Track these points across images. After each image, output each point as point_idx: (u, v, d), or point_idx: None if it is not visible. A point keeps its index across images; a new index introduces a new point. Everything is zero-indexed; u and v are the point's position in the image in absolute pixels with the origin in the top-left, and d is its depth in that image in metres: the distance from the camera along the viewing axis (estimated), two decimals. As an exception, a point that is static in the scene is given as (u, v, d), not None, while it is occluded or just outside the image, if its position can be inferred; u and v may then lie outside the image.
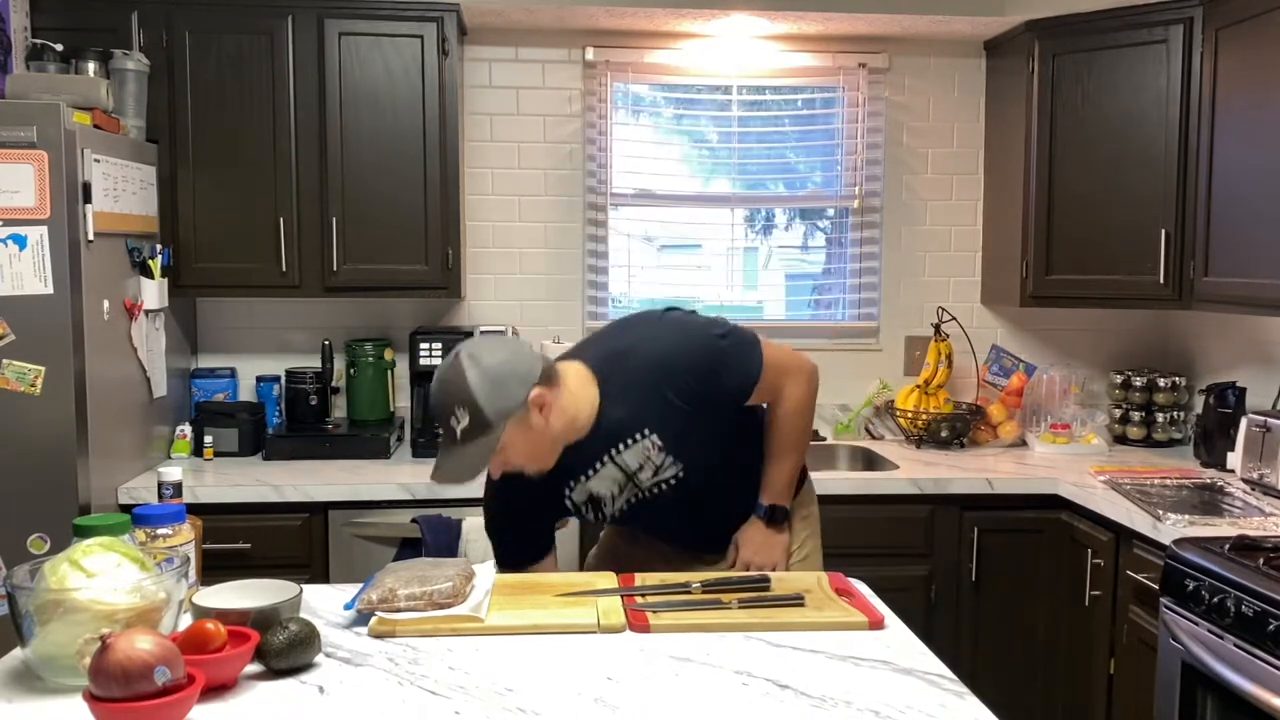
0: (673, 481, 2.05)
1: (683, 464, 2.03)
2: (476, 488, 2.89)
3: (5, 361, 2.56)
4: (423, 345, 3.26)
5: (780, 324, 3.80)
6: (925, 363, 3.60)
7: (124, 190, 2.87)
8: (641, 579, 1.92)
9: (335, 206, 3.19)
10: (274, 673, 1.50)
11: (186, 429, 3.25)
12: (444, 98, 3.20)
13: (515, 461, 1.92)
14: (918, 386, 3.57)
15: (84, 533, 1.56)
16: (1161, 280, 3.14)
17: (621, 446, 2.01)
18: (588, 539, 2.79)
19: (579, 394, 1.98)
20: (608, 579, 1.92)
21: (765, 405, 2.15)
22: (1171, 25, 3.08)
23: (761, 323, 3.81)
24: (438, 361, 3.24)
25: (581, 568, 2.34)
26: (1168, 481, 2.98)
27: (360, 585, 1.81)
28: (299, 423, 3.34)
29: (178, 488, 1.92)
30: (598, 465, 2.03)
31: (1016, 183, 3.43)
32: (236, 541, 2.82)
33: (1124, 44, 3.17)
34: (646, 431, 2.00)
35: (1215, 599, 2.20)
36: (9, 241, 2.54)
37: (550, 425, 1.90)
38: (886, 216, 3.74)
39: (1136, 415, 3.55)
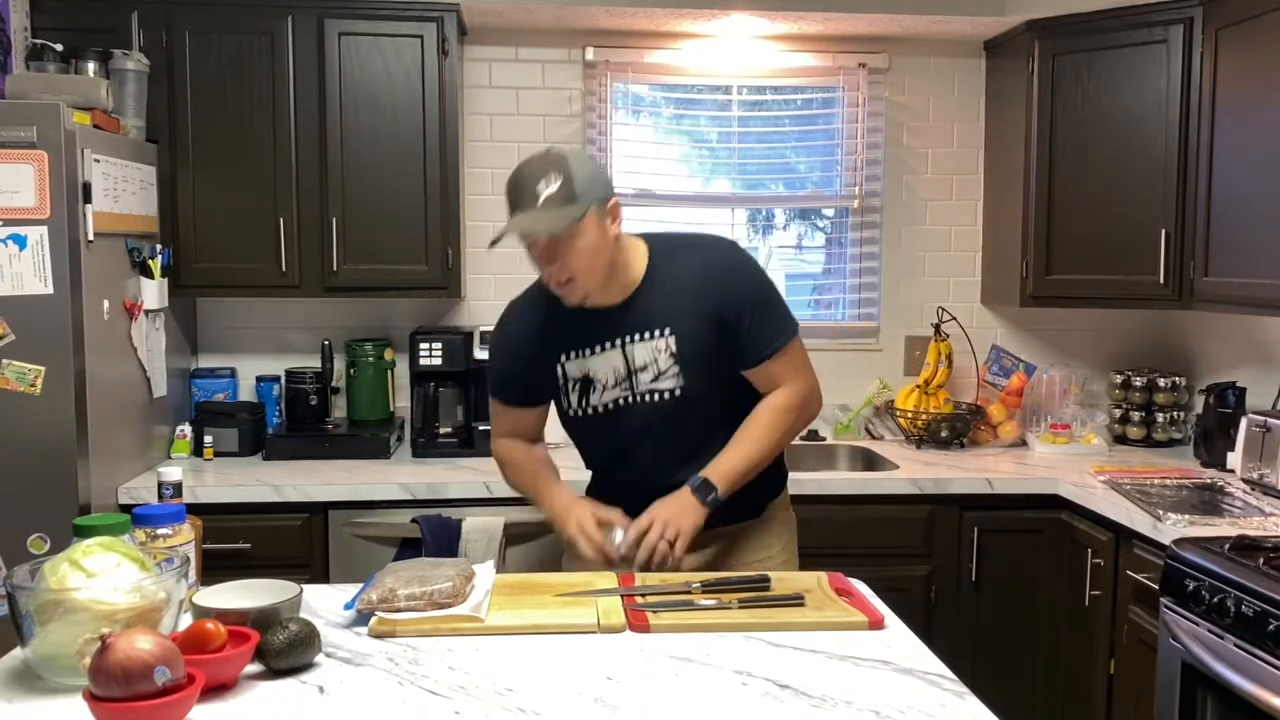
0: (667, 395, 2.05)
1: (685, 381, 2.02)
2: (476, 488, 2.91)
3: (5, 361, 2.56)
4: (423, 345, 3.26)
5: (780, 324, 3.80)
6: (925, 363, 3.60)
7: (124, 190, 2.87)
8: (641, 579, 1.92)
9: (335, 206, 3.19)
10: (274, 673, 1.50)
11: (186, 429, 3.25)
12: (444, 98, 3.20)
13: (571, 264, 1.94)
14: (918, 386, 3.57)
15: (84, 533, 1.56)
16: (1161, 280, 3.14)
17: (636, 337, 2.03)
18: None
19: (631, 254, 2.05)
20: (608, 579, 1.92)
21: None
22: (1171, 25, 3.08)
23: (761, 323, 3.81)
24: (438, 361, 3.26)
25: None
26: (1168, 481, 2.98)
27: (360, 585, 1.81)
28: (299, 423, 3.34)
29: (178, 488, 1.92)
30: (606, 345, 2.05)
31: (1016, 183, 3.43)
32: (236, 541, 2.82)
33: (1124, 44, 3.17)
34: (667, 331, 2.02)
35: (1215, 599, 2.20)
36: (9, 241, 2.54)
37: (616, 242, 1.98)
38: (886, 216, 3.74)
39: (1136, 415, 3.55)
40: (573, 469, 2.28)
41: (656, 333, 2.04)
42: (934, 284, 3.76)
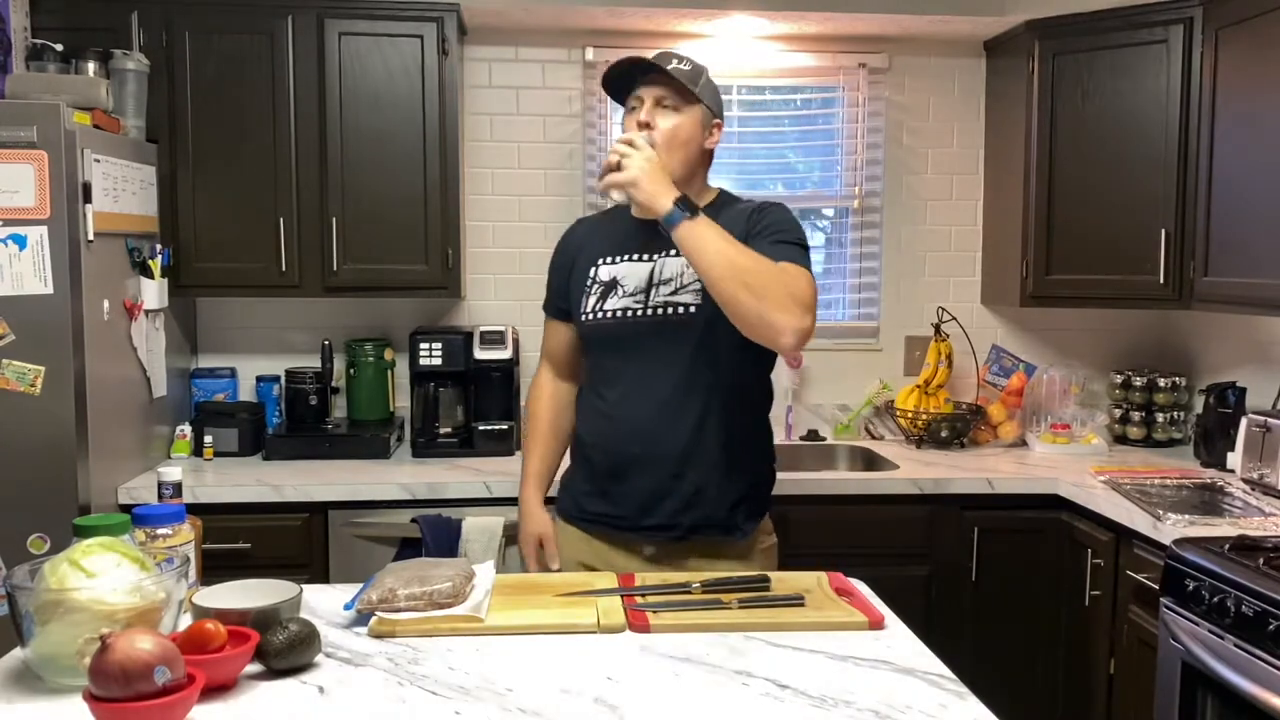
0: (680, 310, 2.05)
1: (703, 300, 2.01)
2: (476, 488, 2.91)
3: (5, 361, 2.56)
4: (423, 345, 3.26)
5: (780, 324, 3.80)
6: (925, 363, 3.61)
7: (124, 190, 2.87)
8: (641, 579, 1.92)
9: (335, 206, 3.19)
10: (274, 673, 1.50)
11: (186, 429, 3.25)
12: (444, 98, 3.20)
13: (663, 129, 2.05)
14: (918, 386, 3.57)
15: (84, 533, 1.56)
16: (1161, 280, 3.14)
17: (672, 251, 2.06)
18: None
19: (705, 186, 2.19)
20: (608, 579, 1.92)
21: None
22: (1171, 25, 3.08)
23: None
24: (438, 361, 3.26)
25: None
26: (1168, 481, 2.98)
27: (360, 585, 1.81)
28: (299, 423, 3.34)
29: (178, 488, 1.92)
30: (643, 256, 2.12)
31: (1017, 183, 3.43)
32: (236, 541, 2.82)
33: (1124, 44, 3.17)
34: None
35: (1215, 599, 2.20)
36: (9, 241, 2.54)
37: (701, 154, 2.13)
38: (886, 216, 3.74)
39: (1136, 415, 3.55)
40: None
41: None
42: (934, 284, 3.76)
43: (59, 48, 2.92)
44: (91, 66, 2.96)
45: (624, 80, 2.15)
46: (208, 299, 3.48)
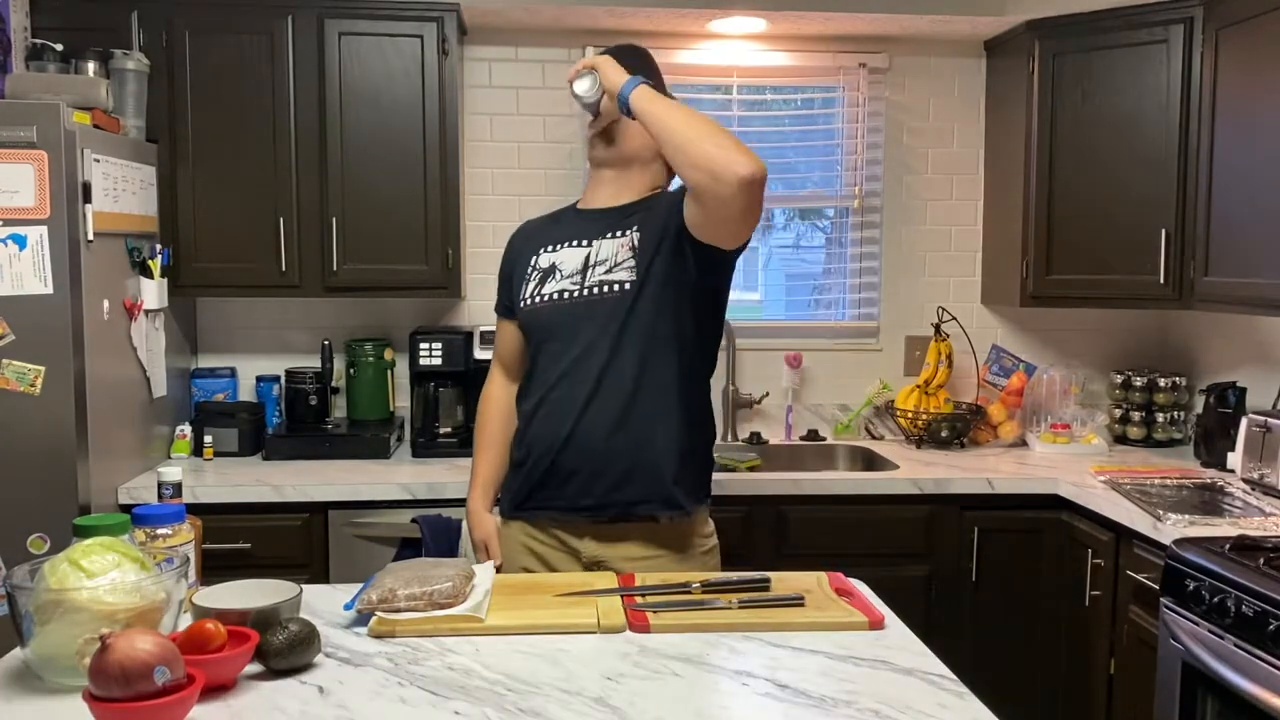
0: (615, 288, 2.06)
1: (637, 276, 2.05)
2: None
3: (5, 361, 2.56)
4: (423, 345, 3.26)
5: (780, 324, 3.80)
6: (925, 363, 3.60)
7: (124, 190, 2.87)
8: (641, 579, 1.92)
9: (335, 206, 3.19)
10: (274, 673, 1.50)
11: (186, 429, 3.25)
12: (444, 98, 3.20)
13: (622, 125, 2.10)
14: (918, 386, 3.57)
15: (84, 533, 1.56)
16: (1161, 280, 3.14)
17: (608, 234, 2.11)
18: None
19: (660, 178, 2.20)
20: (608, 579, 1.92)
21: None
22: (1171, 25, 3.08)
23: (762, 322, 3.82)
24: (438, 361, 3.26)
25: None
26: (1168, 481, 2.98)
27: (360, 585, 1.81)
28: (299, 423, 3.34)
29: (177, 488, 1.92)
30: (581, 242, 2.14)
31: (1016, 183, 3.43)
32: (236, 541, 2.82)
33: (1124, 44, 3.17)
34: (634, 229, 2.09)
35: (1215, 599, 2.20)
36: (9, 241, 2.54)
37: (654, 156, 2.14)
38: (886, 216, 3.74)
39: (1136, 415, 3.55)
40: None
41: (627, 232, 2.10)
42: (934, 284, 3.76)
43: (59, 48, 2.92)
44: (91, 66, 2.96)
45: None
46: (208, 299, 3.48)
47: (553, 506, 2.15)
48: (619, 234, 2.11)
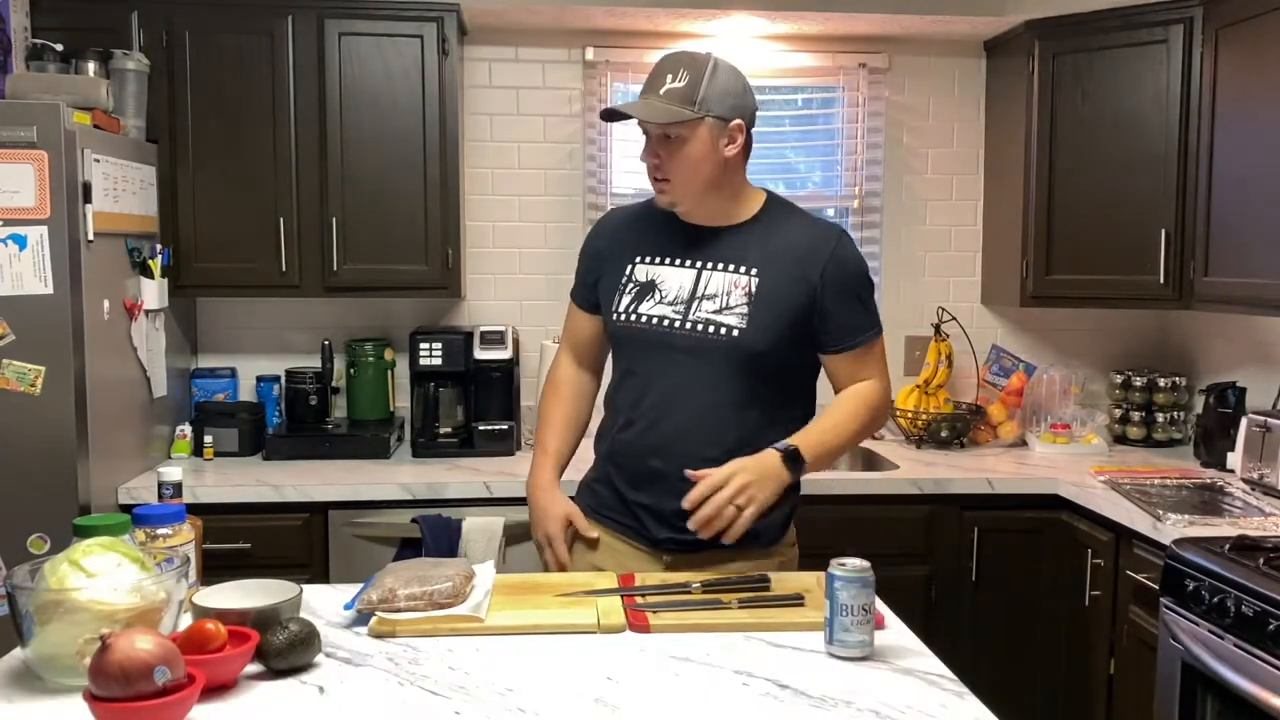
0: (722, 331, 1.96)
1: (748, 325, 1.95)
2: (476, 488, 2.91)
3: (5, 361, 2.56)
4: (423, 345, 3.26)
5: (780, 324, 3.80)
6: (925, 363, 3.60)
7: (124, 190, 2.87)
8: (641, 579, 1.92)
9: (335, 206, 3.19)
10: (274, 673, 1.50)
11: (186, 429, 3.25)
12: (444, 98, 3.20)
13: (669, 165, 1.96)
14: (918, 386, 3.57)
15: (84, 533, 1.56)
16: (1161, 280, 3.14)
17: (719, 265, 2.00)
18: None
19: (747, 190, 2.06)
20: (608, 579, 1.92)
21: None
22: (1171, 25, 3.08)
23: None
24: (438, 361, 3.26)
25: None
26: (1168, 481, 2.98)
27: (360, 585, 1.81)
28: (299, 423, 3.34)
29: (178, 488, 1.92)
30: (685, 262, 2.03)
31: (1016, 183, 3.43)
32: (236, 541, 2.82)
33: (1124, 44, 3.17)
34: (754, 271, 1.98)
35: (1215, 599, 2.20)
36: (9, 241, 2.54)
37: (725, 163, 1.97)
38: (886, 216, 3.74)
39: (1136, 415, 3.55)
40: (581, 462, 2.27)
41: (742, 269, 1.99)
42: (934, 284, 3.76)
43: (59, 48, 2.92)
44: (91, 66, 2.96)
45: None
46: (208, 299, 3.48)
47: (633, 531, 2.05)
48: (732, 269, 1.99)
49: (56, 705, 1.40)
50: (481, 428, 3.27)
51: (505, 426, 3.27)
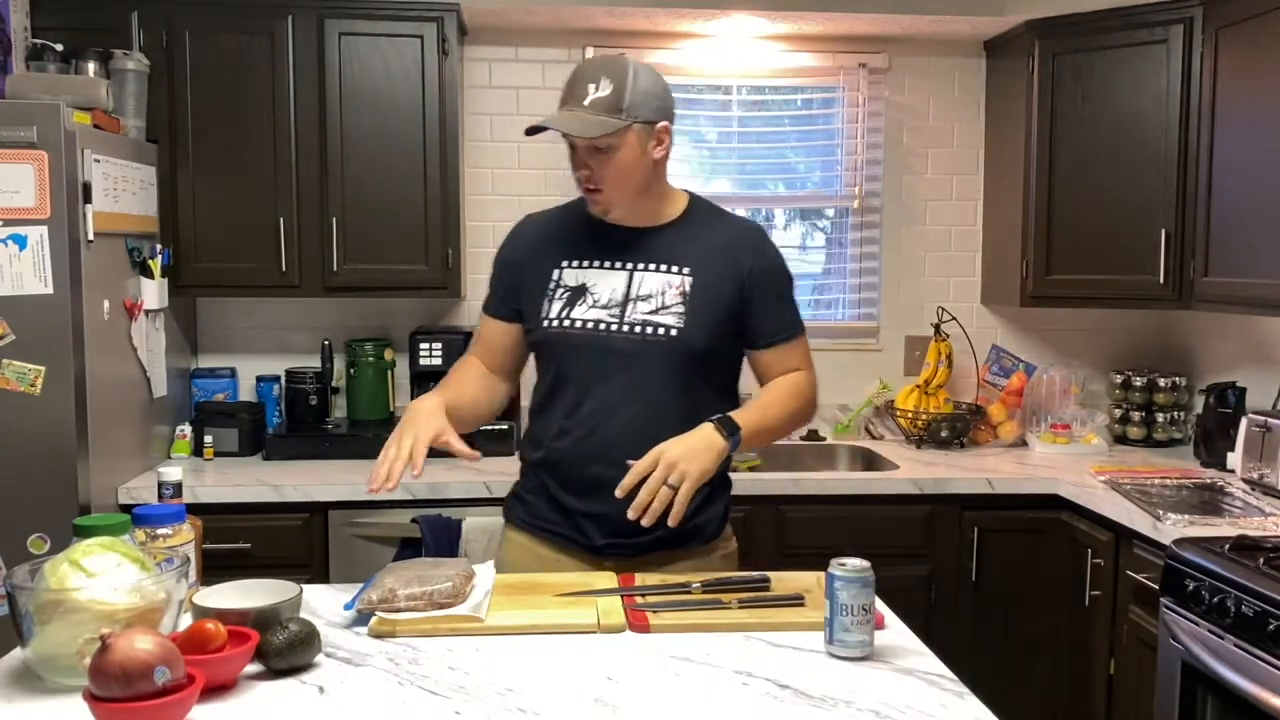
0: (660, 332, 1.95)
1: (685, 324, 1.95)
2: (476, 488, 2.91)
3: (5, 361, 2.56)
4: (423, 345, 3.26)
5: (780, 324, 3.80)
6: (925, 363, 3.60)
7: (124, 190, 2.87)
8: (641, 579, 1.92)
9: (335, 206, 3.19)
10: (274, 673, 1.50)
11: (186, 429, 3.25)
12: (444, 98, 3.20)
13: (602, 174, 1.94)
14: (918, 386, 3.57)
15: (84, 533, 1.56)
16: (1161, 280, 3.14)
17: (651, 266, 2.00)
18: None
19: (671, 192, 2.07)
20: (608, 579, 1.92)
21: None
22: (1171, 25, 3.08)
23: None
24: (438, 361, 3.26)
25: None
26: (1168, 481, 2.98)
27: (360, 585, 1.81)
28: (299, 423, 3.34)
29: (178, 488, 1.92)
30: (615, 264, 2.01)
31: (1016, 182, 3.43)
32: (236, 541, 2.82)
33: (1124, 44, 3.17)
34: (685, 270, 1.99)
35: (1215, 599, 2.20)
36: (9, 241, 2.54)
37: (654, 165, 1.98)
38: (886, 216, 3.74)
39: (1136, 415, 3.55)
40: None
41: (674, 269, 1.99)
42: (934, 284, 3.76)
43: (59, 48, 2.92)
44: (91, 66, 2.96)
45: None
46: (208, 299, 3.48)
47: (575, 543, 2.02)
48: (665, 269, 1.99)
49: (56, 705, 1.40)
50: (481, 428, 3.26)
51: (505, 427, 3.27)
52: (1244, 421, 2.95)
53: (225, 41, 3.13)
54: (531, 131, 1.96)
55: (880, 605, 1.81)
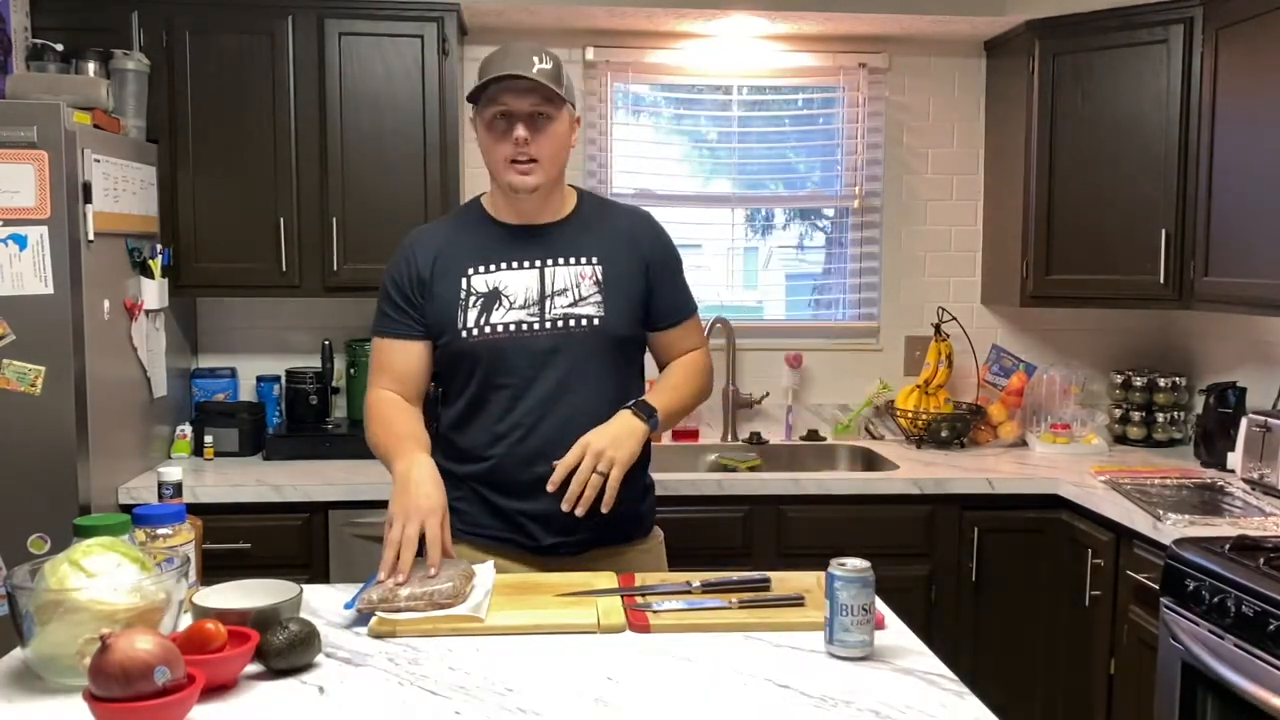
0: (584, 322, 1.99)
1: (605, 311, 2.00)
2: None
3: (5, 361, 2.56)
4: (423, 345, 3.25)
5: (780, 324, 3.80)
6: (925, 363, 3.60)
7: (124, 190, 2.87)
8: (641, 579, 1.92)
9: (335, 206, 3.19)
10: (274, 673, 1.50)
11: (187, 429, 3.25)
12: (444, 98, 3.20)
13: (543, 145, 1.96)
14: (918, 386, 3.57)
15: (84, 533, 1.56)
16: (1161, 280, 3.14)
17: (560, 261, 2.03)
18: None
19: (564, 188, 2.11)
20: (608, 579, 1.92)
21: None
22: (1171, 25, 3.08)
23: (762, 323, 3.82)
24: (438, 361, 3.25)
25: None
26: (1168, 481, 2.98)
27: (360, 585, 1.81)
28: (299, 423, 3.34)
29: (178, 488, 1.92)
30: (524, 263, 2.02)
31: (1016, 182, 3.43)
32: (236, 541, 2.82)
33: (1124, 44, 3.17)
34: (594, 260, 2.03)
35: (1215, 599, 2.20)
36: (9, 241, 2.54)
37: (568, 154, 2.05)
38: (886, 216, 3.74)
39: (1136, 415, 3.55)
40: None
41: (583, 260, 2.03)
42: (934, 284, 3.76)
43: (59, 48, 2.92)
44: (91, 66, 2.96)
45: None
46: (208, 299, 3.48)
47: (520, 546, 2.02)
48: (574, 261, 2.02)
49: (56, 705, 1.40)
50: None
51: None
52: (1244, 421, 2.95)
53: (225, 41, 3.13)
54: (476, 94, 1.97)
55: (880, 605, 1.81)
